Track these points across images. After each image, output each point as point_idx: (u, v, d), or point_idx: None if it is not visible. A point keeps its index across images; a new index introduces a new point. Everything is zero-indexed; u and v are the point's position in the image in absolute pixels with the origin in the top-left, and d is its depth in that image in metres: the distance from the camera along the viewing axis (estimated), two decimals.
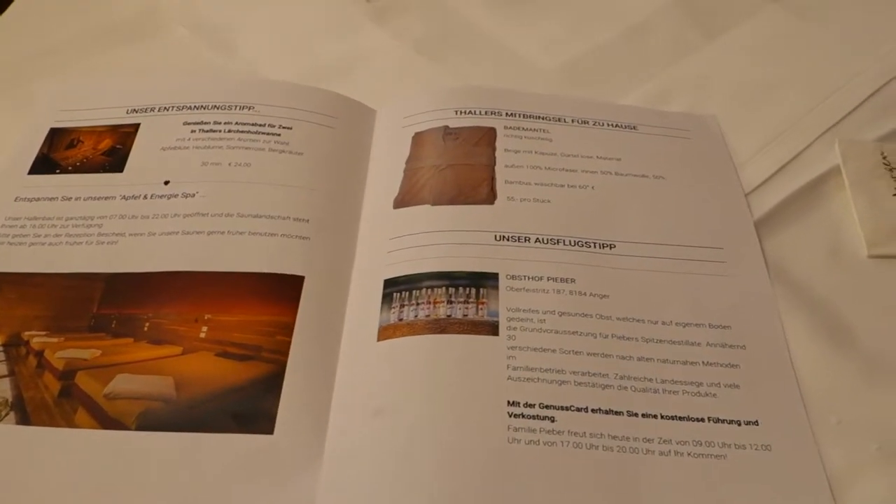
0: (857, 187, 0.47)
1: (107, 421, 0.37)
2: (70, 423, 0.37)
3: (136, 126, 0.50)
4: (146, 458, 0.36)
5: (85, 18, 0.60)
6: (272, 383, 0.38)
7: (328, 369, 0.39)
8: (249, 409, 0.37)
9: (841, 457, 0.36)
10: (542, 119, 0.50)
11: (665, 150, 0.49)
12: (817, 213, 0.47)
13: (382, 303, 0.41)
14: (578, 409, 0.37)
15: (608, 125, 0.50)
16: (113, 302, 0.41)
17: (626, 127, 0.50)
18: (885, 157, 0.48)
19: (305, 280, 0.42)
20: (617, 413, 0.37)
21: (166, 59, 0.57)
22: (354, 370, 0.39)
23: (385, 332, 0.39)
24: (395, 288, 0.41)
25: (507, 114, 0.50)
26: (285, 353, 0.39)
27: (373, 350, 0.39)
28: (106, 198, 0.46)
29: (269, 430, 0.36)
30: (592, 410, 0.37)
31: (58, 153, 0.49)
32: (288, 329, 0.40)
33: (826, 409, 0.38)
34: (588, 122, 0.50)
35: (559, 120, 0.50)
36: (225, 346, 0.40)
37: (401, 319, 0.40)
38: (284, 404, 0.37)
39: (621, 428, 0.36)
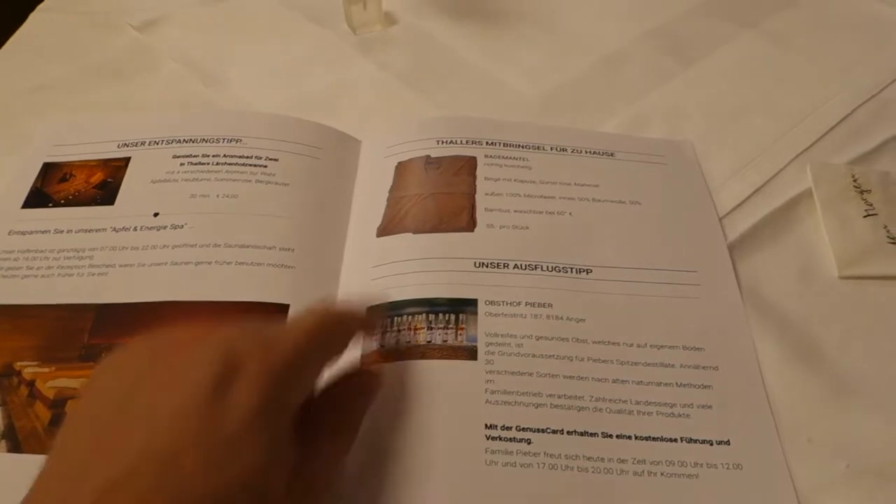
0: (828, 209, 0.48)
1: None
2: None
3: (127, 160, 0.51)
4: None
5: (77, 55, 0.62)
6: None
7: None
8: None
9: (811, 475, 0.37)
10: (522, 147, 0.52)
11: (641, 176, 0.51)
12: (790, 235, 0.48)
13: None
14: (554, 431, 0.38)
15: (586, 152, 0.52)
16: (103, 332, 0.42)
17: (603, 154, 0.52)
18: (855, 180, 0.50)
19: (291, 309, 0.43)
20: (592, 434, 0.38)
21: (158, 93, 0.59)
22: None
23: (367, 359, 0.40)
24: (377, 316, 0.42)
25: (487, 143, 0.52)
26: None
27: None
28: (97, 230, 0.47)
29: None
30: (568, 432, 0.38)
31: (50, 187, 0.50)
32: None
33: (797, 429, 0.39)
34: (566, 150, 0.52)
35: (538, 148, 0.52)
36: None
37: (382, 346, 0.41)
38: None
39: (596, 449, 0.37)
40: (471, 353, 0.40)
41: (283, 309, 0.43)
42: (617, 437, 0.38)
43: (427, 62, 0.61)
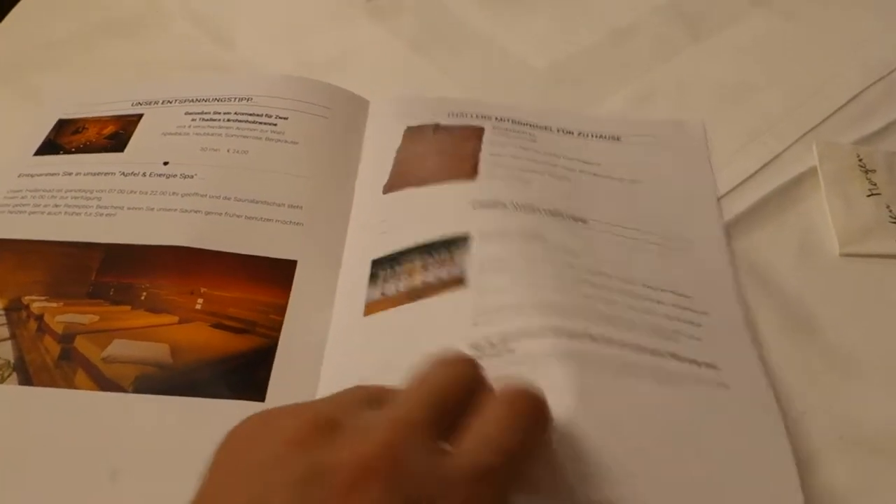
0: (832, 188, 0.49)
1: (105, 383, 0.38)
2: (70, 385, 0.38)
3: (140, 116, 0.52)
4: (143, 418, 0.37)
5: (88, 12, 0.62)
6: (264, 355, 0.40)
7: (318, 343, 0.41)
8: (242, 377, 0.39)
9: (804, 445, 0.37)
10: (531, 126, 0.52)
11: (645, 159, 0.51)
12: (792, 212, 0.48)
13: (369, 281, 0.42)
14: (536, 336, 0.38)
15: (593, 136, 0.52)
16: (111, 271, 0.43)
17: (609, 137, 0.52)
18: (860, 160, 0.50)
19: (298, 264, 0.44)
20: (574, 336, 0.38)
21: (168, 52, 0.59)
22: (343, 344, 0.41)
23: (370, 307, 0.41)
24: (381, 266, 0.43)
25: (496, 118, 0.52)
26: (277, 330, 0.41)
27: (360, 324, 0.41)
28: (105, 173, 0.48)
29: (260, 397, 0.38)
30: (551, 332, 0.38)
31: (63, 138, 0.51)
32: (280, 309, 0.42)
33: (792, 400, 0.39)
34: (573, 133, 0.52)
35: (546, 128, 0.52)
36: (220, 318, 0.41)
37: (384, 294, 0.41)
38: (276, 374, 0.39)
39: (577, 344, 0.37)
40: (462, 282, 0.40)
41: (290, 265, 0.44)
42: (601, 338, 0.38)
43: (437, 29, 0.61)
